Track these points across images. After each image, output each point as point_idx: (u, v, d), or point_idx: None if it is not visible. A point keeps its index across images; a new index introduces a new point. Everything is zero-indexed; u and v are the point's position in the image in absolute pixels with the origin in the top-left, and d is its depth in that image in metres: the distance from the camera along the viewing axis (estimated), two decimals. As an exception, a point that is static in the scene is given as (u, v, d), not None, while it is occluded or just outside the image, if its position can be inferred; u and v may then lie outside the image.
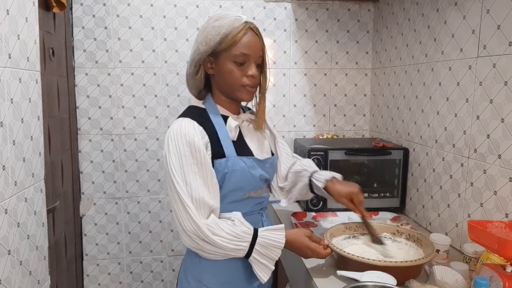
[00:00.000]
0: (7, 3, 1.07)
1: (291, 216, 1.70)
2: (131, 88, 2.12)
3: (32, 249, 1.24)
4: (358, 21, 2.23)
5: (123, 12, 2.06)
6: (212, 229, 1.06)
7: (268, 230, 1.12)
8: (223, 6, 2.13)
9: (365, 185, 1.89)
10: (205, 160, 1.09)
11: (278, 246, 1.12)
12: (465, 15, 1.40)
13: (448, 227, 1.51)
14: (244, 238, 1.08)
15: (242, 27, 1.12)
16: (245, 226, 1.11)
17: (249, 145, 1.22)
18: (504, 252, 0.96)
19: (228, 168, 1.12)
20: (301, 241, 1.16)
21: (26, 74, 1.20)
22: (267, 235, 1.11)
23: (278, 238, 1.12)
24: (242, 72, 1.14)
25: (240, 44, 1.11)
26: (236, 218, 1.12)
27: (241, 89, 1.16)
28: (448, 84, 1.50)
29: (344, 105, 2.29)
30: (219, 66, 1.15)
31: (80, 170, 2.12)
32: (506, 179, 1.22)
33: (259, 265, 1.10)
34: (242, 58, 1.13)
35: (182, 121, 1.12)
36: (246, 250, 1.09)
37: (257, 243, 1.09)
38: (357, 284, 1.03)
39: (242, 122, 1.22)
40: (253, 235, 1.10)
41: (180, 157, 1.07)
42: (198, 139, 1.09)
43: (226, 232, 1.07)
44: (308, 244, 1.16)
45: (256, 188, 1.21)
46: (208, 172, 1.09)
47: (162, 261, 2.27)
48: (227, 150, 1.14)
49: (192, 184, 1.07)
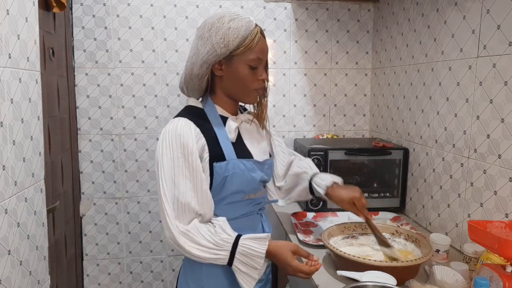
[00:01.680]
0: (7, 3, 1.07)
1: (291, 216, 1.70)
2: (131, 88, 2.12)
3: (32, 249, 1.24)
4: (358, 21, 2.23)
5: (123, 12, 2.06)
6: (191, 235, 1.04)
7: (250, 239, 1.07)
8: (223, 6, 2.13)
9: (365, 185, 1.89)
10: (197, 165, 1.06)
11: (258, 255, 1.05)
12: (465, 15, 1.40)
13: (448, 227, 1.51)
14: (223, 246, 1.05)
15: (256, 31, 1.10)
16: (226, 234, 1.07)
17: (248, 147, 1.20)
18: (504, 252, 0.96)
19: (229, 171, 1.10)
20: (283, 256, 1.07)
21: (26, 74, 1.20)
22: (248, 244, 1.06)
23: (259, 248, 1.06)
24: (254, 76, 1.13)
25: (257, 48, 1.10)
26: (218, 224, 1.08)
27: (252, 93, 1.15)
28: (448, 84, 1.50)
29: (344, 105, 2.30)
30: (231, 69, 1.11)
31: (80, 170, 2.12)
32: (506, 179, 1.22)
33: (241, 274, 1.06)
34: (255, 63, 1.11)
35: (178, 121, 1.09)
36: (227, 259, 1.05)
37: (237, 251, 1.05)
38: (357, 284, 1.03)
39: (241, 123, 1.20)
40: (234, 243, 1.06)
41: (173, 158, 1.05)
42: (192, 141, 1.06)
43: (206, 239, 1.04)
44: (289, 261, 1.06)
45: (256, 190, 1.19)
46: (198, 178, 1.06)
47: (162, 261, 2.27)
48: (227, 153, 1.11)
49: (181, 188, 1.04)
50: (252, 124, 1.26)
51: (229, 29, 1.07)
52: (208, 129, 1.12)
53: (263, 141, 1.29)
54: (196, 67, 1.12)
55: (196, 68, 1.12)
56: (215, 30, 1.08)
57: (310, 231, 1.56)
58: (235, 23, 1.08)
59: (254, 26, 1.10)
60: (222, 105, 1.19)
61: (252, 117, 1.25)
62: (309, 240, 1.46)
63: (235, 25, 1.07)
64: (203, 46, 1.10)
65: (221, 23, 1.08)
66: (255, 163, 1.17)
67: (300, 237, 1.47)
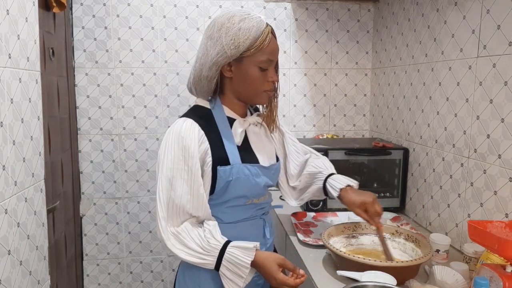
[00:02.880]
0: (7, 3, 1.07)
1: (291, 216, 1.70)
2: (131, 88, 2.12)
3: (32, 249, 1.24)
4: (358, 21, 2.23)
5: (123, 12, 2.06)
6: (181, 238, 1.04)
7: (238, 248, 1.05)
8: (223, 6, 2.13)
9: (365, 185, 1.88)
10: (196, 169, 1.05)
11: (244, 265, 1.04)
12: (465, 15, 1.40)
13: (448, 227, 1.51)
14: (211, 252, 1.04)
15: (267, 31, 1.07)
16: (214, 239, 1.05)
17: (254, 151, 1.18)
18: (504, 252, 0.96)
19: (232, 175, 1.09)
20: (268, 268, 1.04)
21: (26, 74, 1.20)
22: (234, 253, 1.04)
23: (245, 258, 1.04)
24: (264, 78, 1.11)
25: (267, 49, 1.07)
26: (208, 229, 1.06)
27: (263, 94, 1.13)
28: (448, 84, 1.50)
29: (344, 105, 2.30)
30: (241, 70, 1.09)
31: (80, 170, 2.12)
32: (506, 179, 1.22)
33: (227, 281, 1.05)
34: (266, 64, 1.09)
35: (184, 122, 1.07)
36: (213, 264, 1.04)
37: (224, 258, 1.04)
38: (357, 284, 1.03)
39: (248, 125, 1.17)
40: (222, 249, 1.04)
41: (173, 160, 1.04)
42: (194, 145, 1.05)
43: (195, 243, 1.04)
44: (274, 274, 1.04)
45: (259, 195, 1.18)
46: (196, 182, 1.05)
47: (162, 261, 2.27)
48: (232, 157, 1.09)
49: (177, 190, 1.04)
50: (261, 127, 1.23)
51: (240, 30, 1.04)
52: (214, 132, 1.10)
53: (271, 145, 1.26)
54: (206, 69, 1.09)
55: (205, 70, 1.09)
56: (225, 31, 1.05)
57: (310, 231, 1.56)
58: (246, 23, 1.05)
59: (265, 26, 1.08)
60: (230, 106, 1.16)
61: (261, 119, 1.22)
62: (309, 240, 1.46)
63: (245, 26, 1.05)
64: (213, 47, 1.07)
65: (231, 23, 1.05)
66: (260, 168, 1.15)
67: (300, 237, 1.47)
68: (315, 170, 1.35)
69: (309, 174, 1.35)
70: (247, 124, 1.17)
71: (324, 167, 1.36)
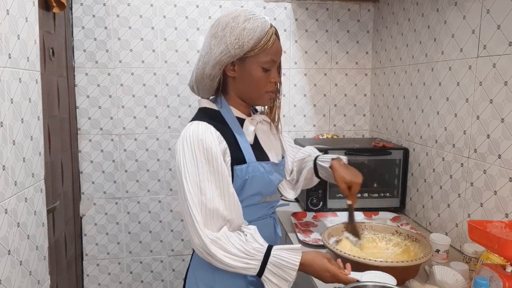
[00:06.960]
0: (7, 3, 1.07)
1: (291, 216, 1.70)
2: (131, 88, 2.12)
3: (32, 249, 1.24)
4: (358, 21, 2.23)
5: (123, 12, 2.06)
6: (221, 243, 1.00)
7: (283, 250, 1.03)
8: (223, 6, 2.13)
9: (365, 185, 1.87)
10: (222, 169, 1.03)
11: (292, 267, 1.02)
12: (465, 15, 1.40)
13: (448, 227, 1.51)
14: (255, 256, 1.01)
15: (271, 32, 1.07)
16: (258, 243, 1.03)
17: (264, 149, 1.19)
18: (504, 252, 0.96)
19: (249, 174, 1.08)
20: (320, 263, 1.04)
21: (26, 74, 1.20)
22: (281, 255, 1.02)
23: (293, 259, 1.02)
24: (267, 78, 1.11)
25: (271, 50, 1.08)
26: (249, 233, 1.04)
27: (265, 95, 1.13)
28: (448, 84, 1.50)
29: (344, 105, 2.30)
30: (244, 70, 1.09)
31: (80, 170, 2.12)
32: (506, 179, 1.22)
33: (271, 285, 1.02)
34: (269, 65, 1.09)
35: (198, 125, 1.05)
36: (258, 269, 1.02)
37: (269, 262, 1.01)
38: (357, 284, 1.03)
39: (256, 124, 1.17)
40: (266, 253, 1.02)
41: (197, 164, 1.01)
42: (215, 146, 1.02)
43: (237, 248, 1.01)
44: (327, 267, 1.03)
45: (272, 193, 1.19)
46: (225, 182, 1.03)
47: (162, 261, 2.27)
48: (247, 156, 1.09)
49: (207, 194, 1.01)
50: (266, 124, 1.24)
51: (244, 29, 1.04)
52: (228, 132, 1.09)
53: (277, 141, 1.29)
54: (209, 67, 1.08)
55: (208, 68, 1.09)
56: (229, 30, 1.05)
57: (310, 231, 1.56)
58: (250, 23, 1.05)
59: (270, 26, 1.08)
60: (237, 107, 1.16)
61: (265, 117, 1.24)
62: (309, 240, 1.46)
63: (250, 26, 1.05)
64: (217, 46, 1.06)
65: (236, 22, 1.05)
66: (272, 165, 1.16)
67: (300, 237, 1.47)
68: (304, 155, 1.41)
69: (299, 160, 1.41)
70: (255, 123, 1.17)
71: (312, 152, 1.42)
